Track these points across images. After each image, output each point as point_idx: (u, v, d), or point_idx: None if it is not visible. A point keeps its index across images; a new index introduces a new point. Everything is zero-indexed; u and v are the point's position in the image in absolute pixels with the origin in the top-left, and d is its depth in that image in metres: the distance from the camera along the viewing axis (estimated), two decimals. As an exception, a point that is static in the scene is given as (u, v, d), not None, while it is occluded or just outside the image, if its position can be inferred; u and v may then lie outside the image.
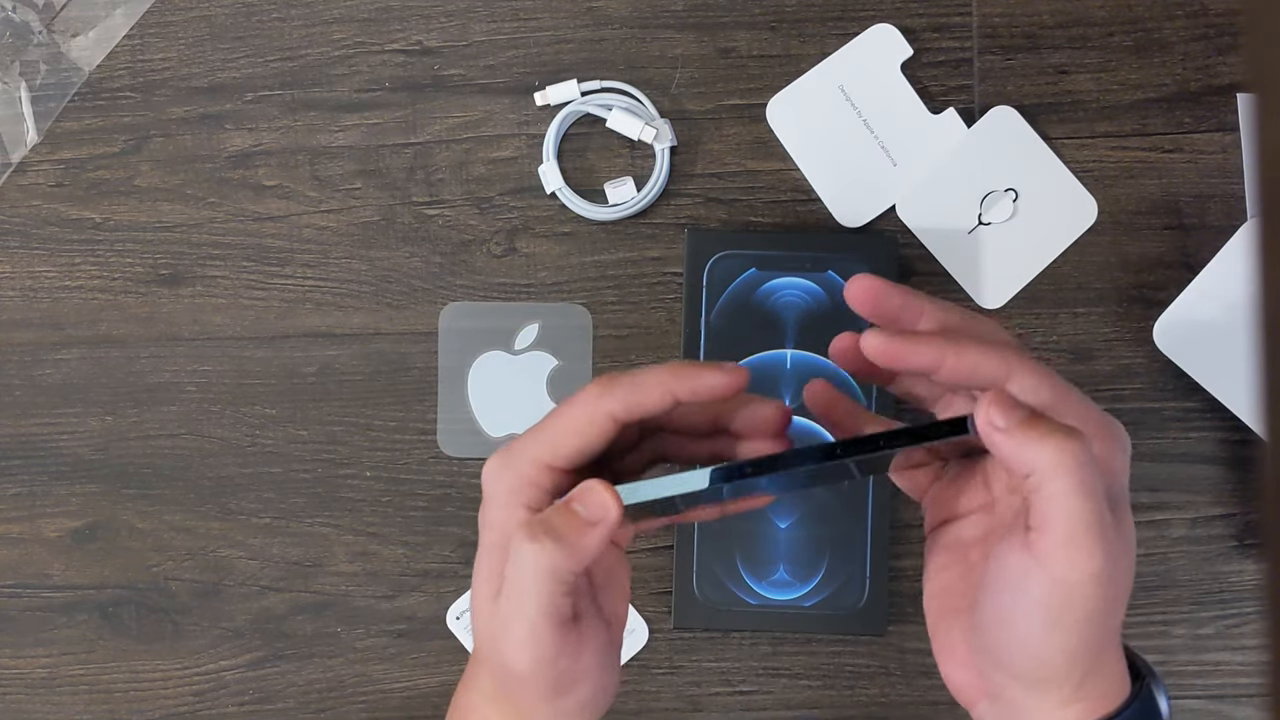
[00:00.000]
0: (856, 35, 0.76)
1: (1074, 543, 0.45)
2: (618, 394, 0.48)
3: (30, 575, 0.78)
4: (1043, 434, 0.45)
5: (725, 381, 0.48)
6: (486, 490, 0.50)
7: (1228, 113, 0.75)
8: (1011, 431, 0.45)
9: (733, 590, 0.74)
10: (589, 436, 0.48)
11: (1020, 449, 0.45)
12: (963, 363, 0.48)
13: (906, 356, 0.48)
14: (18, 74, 0.79)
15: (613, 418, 0.48)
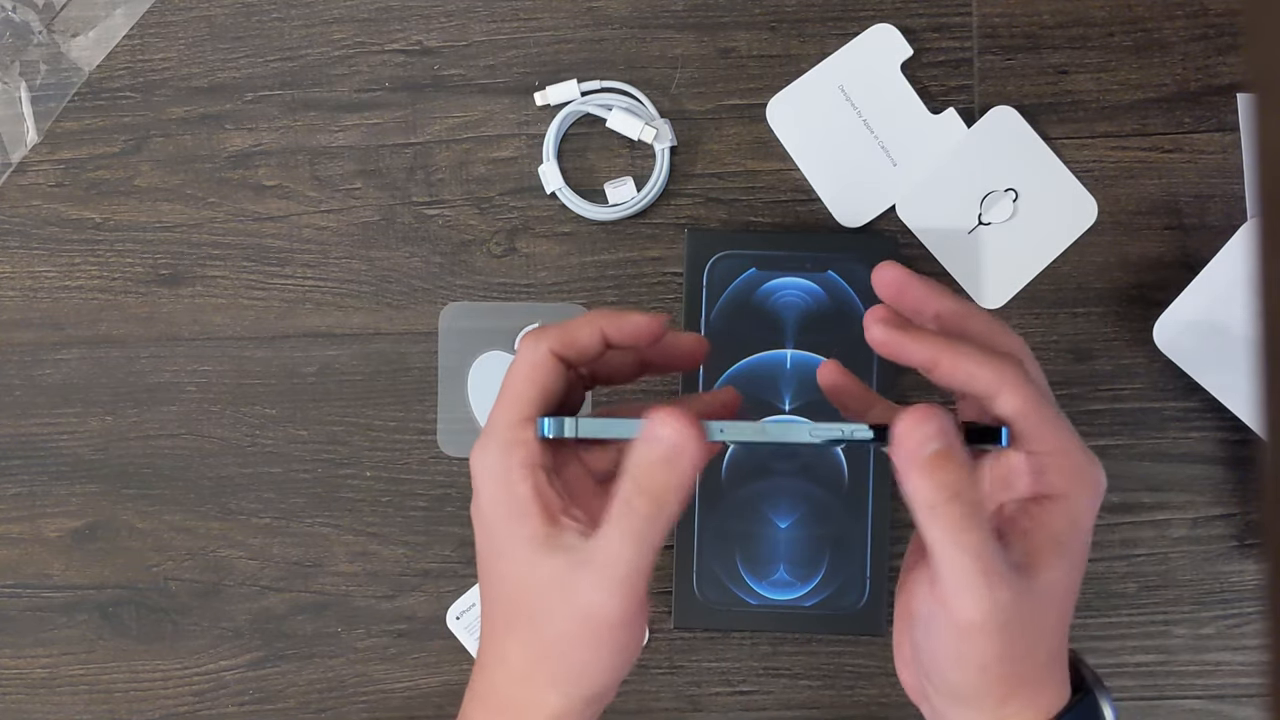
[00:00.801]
0: (856, 35, 0.76)
1: (961, 592, 0.46)
2: (551, 333, 0.51)
3: (30, 575, 0.78)
4: (933, 485, 0.46)
5: (648, 325, 0.51)
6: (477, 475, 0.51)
7: (1228, 113, 0.75)
8: (917, 465, 0.47)
9: (733, 590, 0.74)
10: (542, 377, 0.50)
11: (914, 486, 0.47)
12: (957, 369, 0.49)
13: (903, 351, 0.49)
14: (18, 74, 0.79)
15: (553, 354, 0.50)
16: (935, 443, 0.46)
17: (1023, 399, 0.48)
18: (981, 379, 0.48)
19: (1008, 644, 0.47)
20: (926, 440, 0.46)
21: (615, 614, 0.48)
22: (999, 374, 0.48)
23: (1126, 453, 0.75)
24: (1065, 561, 0.49)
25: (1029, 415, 0.48)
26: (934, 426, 0.46)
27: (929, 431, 0.46)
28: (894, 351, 0.50)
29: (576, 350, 0.51)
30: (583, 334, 0.51)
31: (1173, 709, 0.75)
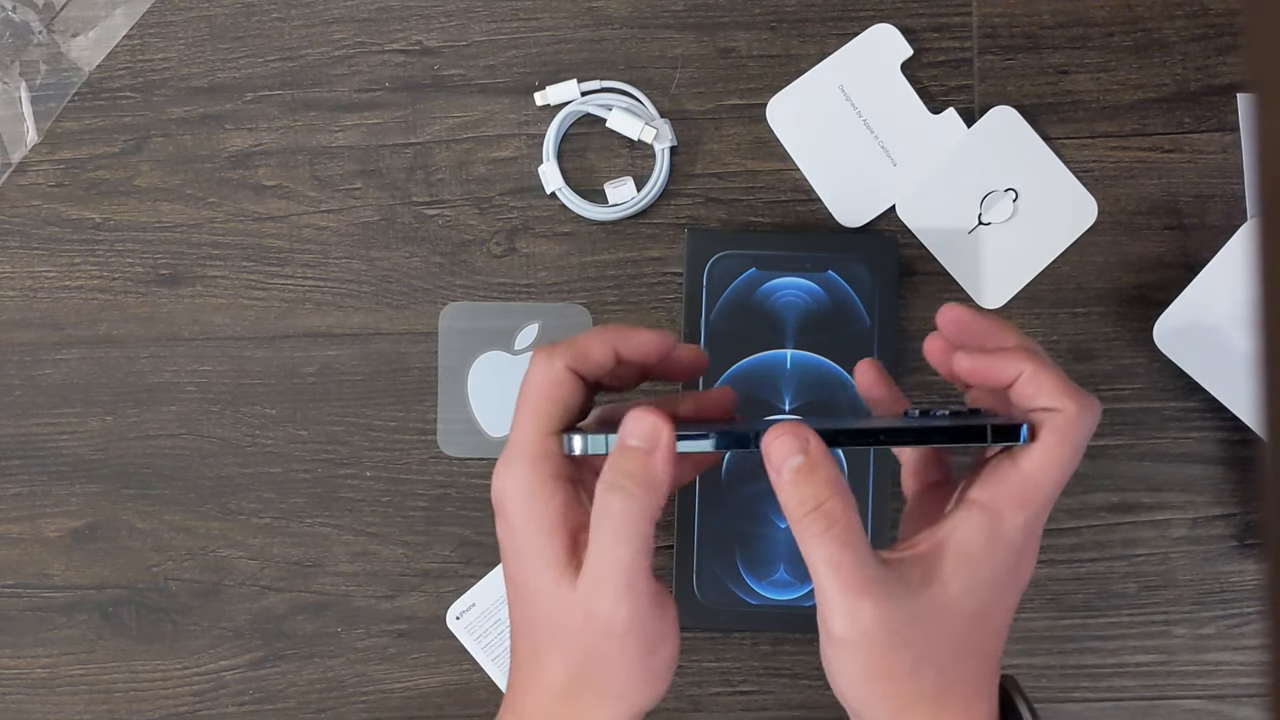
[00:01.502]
0: (856, 35, 0.76)
1: (827, 605, 0.47)
2: (562, 350, 0.51)
3: (30, 575, 0.78)
4: (795, 500, 0.48)
5: (657, 343, 0.53)
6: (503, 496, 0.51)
7: (1228, 113, 0.75)
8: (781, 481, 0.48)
9: (733, 590, 0.74)
10: (563, 393, 0.51)
11: (783, 502, 0.48)
12: (1040, 387, 0.51)
13: (991, 372, 0.52)
14: (18, 74, 0.79)
15: (569, 370, 0.51)
16: (797, 457, 0.48)
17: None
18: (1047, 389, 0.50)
19: (881, 659, 0.47)
20: (789, 454, 0.48)
21: (626, 619, 0.49)
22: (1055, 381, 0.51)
23: (1126, 453, 0.75)
24: (972, 579, 0.49)
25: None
26: (795, 441, 0.48)
27: (791, 446, 0.48)
28: (983, 376, 0.52)
29: (590, 366, 0.52)
30: (595, 351, 0.52)
31: (1173, 709, 0.75)
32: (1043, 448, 0.49)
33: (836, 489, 0.48)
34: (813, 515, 0.47)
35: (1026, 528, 0.50)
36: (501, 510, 0.51)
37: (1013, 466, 0.49)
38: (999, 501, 0.49)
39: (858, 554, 0.47)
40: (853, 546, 0.47)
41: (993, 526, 0.49)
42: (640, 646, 0.49)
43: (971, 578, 0.49)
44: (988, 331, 0.54)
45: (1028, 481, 0.49)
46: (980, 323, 0.54)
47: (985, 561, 0.49)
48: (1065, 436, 0.49)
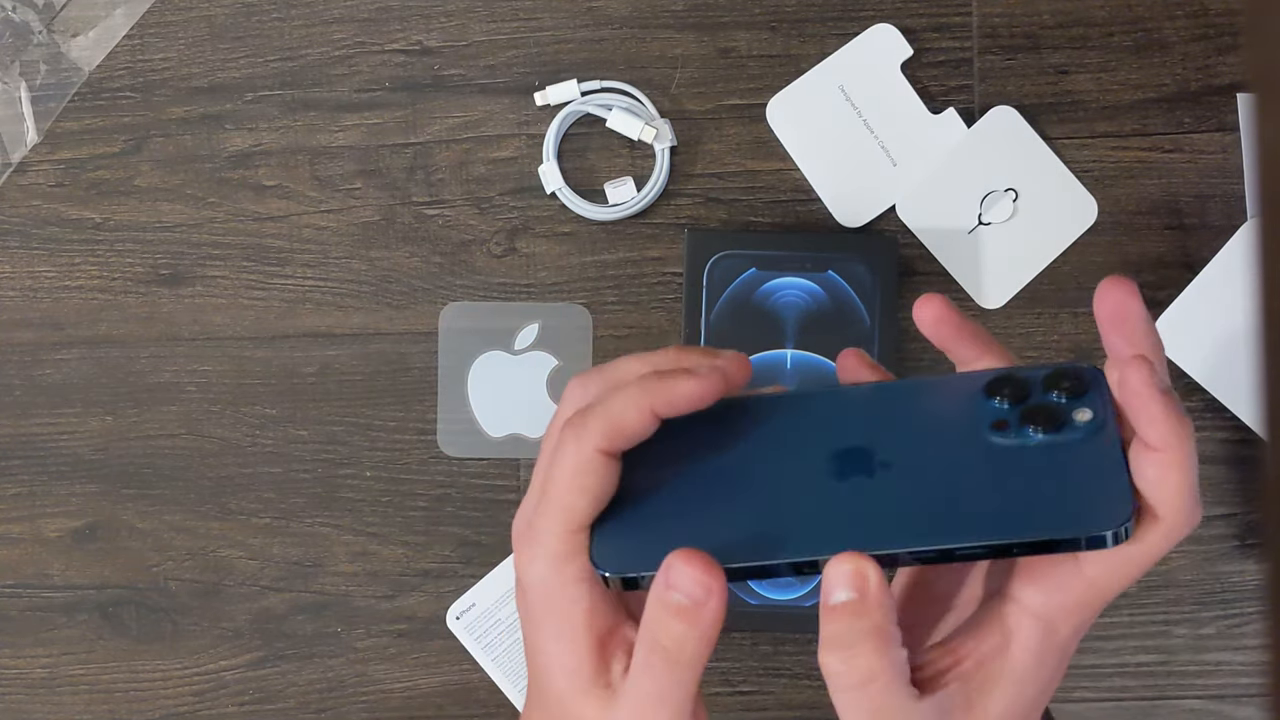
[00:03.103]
0: (856, 35, 0.76)
1: None
2: (596, 428, 0.43)
3: (30, 575, 0.78)
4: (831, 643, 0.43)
5: (703, 391, 0.43)
6: (524, 584, 0.45)
7: (1228, 113, 0.75)
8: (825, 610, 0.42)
9: (733, 590, 0.74)
10: (593, 484, 0.44)
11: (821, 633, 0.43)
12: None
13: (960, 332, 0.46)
14: (18, 74, 0.79)
15: (602, 453, 0.43)
16: (847, 593, 0.41)
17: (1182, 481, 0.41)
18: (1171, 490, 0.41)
19: None
20: (837, 587, 0.41)
21: None
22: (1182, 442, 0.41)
23: (1126, 453, 0.75)
24: (1018, 697, 0.43)
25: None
26: (853, 574, 0.41)
27: (846, 577, 0.41)
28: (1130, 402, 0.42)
29: (625, 440, 0.44)
30: (630, 420, 0.43)
31: (1173, 709, 0.75)
32: (1121, 558, 0.41)
33: (880, 641, 0.42)
34: (844, 665, 0.42)
35: (1078, 633, 0.43)
36: (523, 591, 0.46)
37: (1076, 570, 0.42)
38: (1054, 609, 0.42)
39: (894, 702, 0.42)
40: (881, 710, 0.42)
41: (1046, 639, 0.43)
42: None
43: (1018, 693, 0.43)
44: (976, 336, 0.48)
45: (1091, 589, 0.42)
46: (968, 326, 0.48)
47: (1033, 676, 0.43)
48: (1152, 552, 0.41)
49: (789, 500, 0.44)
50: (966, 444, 0.43)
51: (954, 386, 0.45)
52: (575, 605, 0.44)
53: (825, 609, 0.41)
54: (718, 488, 0.45)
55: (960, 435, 0.43)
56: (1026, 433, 0.42)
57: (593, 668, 0.44)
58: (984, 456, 0.42)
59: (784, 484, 0.44)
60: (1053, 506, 0.41)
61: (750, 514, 0.44)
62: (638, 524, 0.44)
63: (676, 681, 0.44)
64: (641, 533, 0.44)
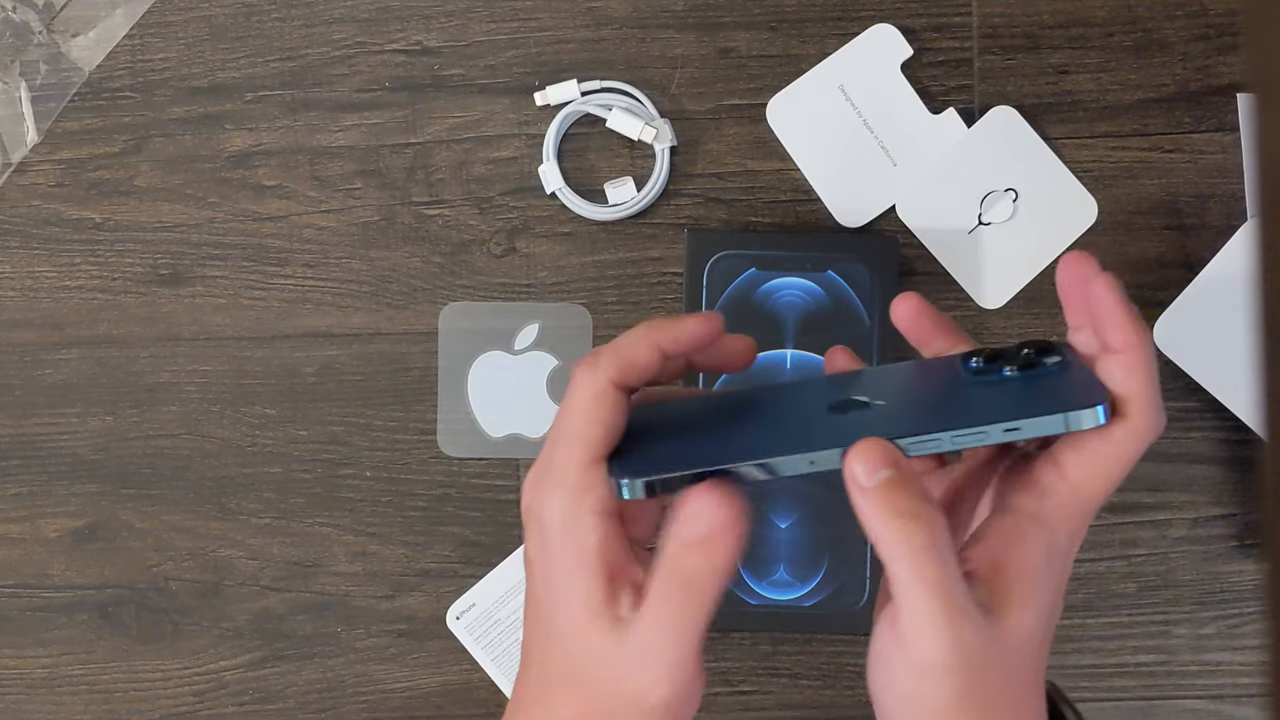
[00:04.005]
0: (856, 35, 0.76)
1: (922, 629, 0.43)
2: (607, 362, 0.47)
3: (30, 575, 0.78)
4: (888, 513, 0.43)
5: (705, 328, 0.48)
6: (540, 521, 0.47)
7: (1228, 113, 0.75)
8: (867, 495, 0.44)
9: (733, 590, 0.74)
10: (606, 414, 0.46)
11: (868, 518, 0.44)
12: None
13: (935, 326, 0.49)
14: (18, 74, 0.79)
15: (615, 385, 0.46)
16: (886, 470, 0.43)
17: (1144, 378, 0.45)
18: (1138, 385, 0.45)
19: (969, 688, 0.44)
20: (877, 467, 0.43)
21: (663, 698, 0.46)
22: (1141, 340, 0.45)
23: (1126, 453, 0.75)
24: (1040, 601, 0.45)
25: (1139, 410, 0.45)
26: (884, 453, 0.44)
27: (879, 458, 0.44)
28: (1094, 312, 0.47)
29: (636, 374, 0.47)
30: (640, 354, 0.47)
31: (1173, 709, 0.75)
32: (1097, 459, 0.45)
33: (935, 503, 0.44)
34: (912, 528, 0.43)
35: (1073, 538, 0.46)
36: (537, 530, 0.47)
37: (1059, 476, 0.45)
38: (1049, 512, 0.45)
39: (955, 574, 0.43)
40: (952, 566, 0.43)
41: (1050, 543, 0.45)
42: (668, 716, 0.46)
43: (1039, 600, 0.45)
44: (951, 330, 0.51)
45: (1076, 494, 0.45)
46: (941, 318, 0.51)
47: (1047, 582, 0.45)
48: (1123, 451, 0.45)
49: (798, 424, 0.48)
50: (948, 384, 0.48)
51: (935, 361, 0.50)
52: (590, 536, 0.46)
53: (868, 493, 0.43)
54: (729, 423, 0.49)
55: (944, 383, 0.49)
56: (1002, 372, 0.47)
57: (603, 598, 0.46)
58: (966, 387, 0.47)
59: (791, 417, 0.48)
60: (1036, 402, 0.45)
61: (763, 432, 0.48)
62: (652, 449, 0.47)
63: (692, 613, 0.45)
64: (657, 453, 0.47)
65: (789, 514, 0.74)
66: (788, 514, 0.74)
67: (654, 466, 0.46)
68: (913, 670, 0.44)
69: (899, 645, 0.44)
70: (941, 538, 0.43)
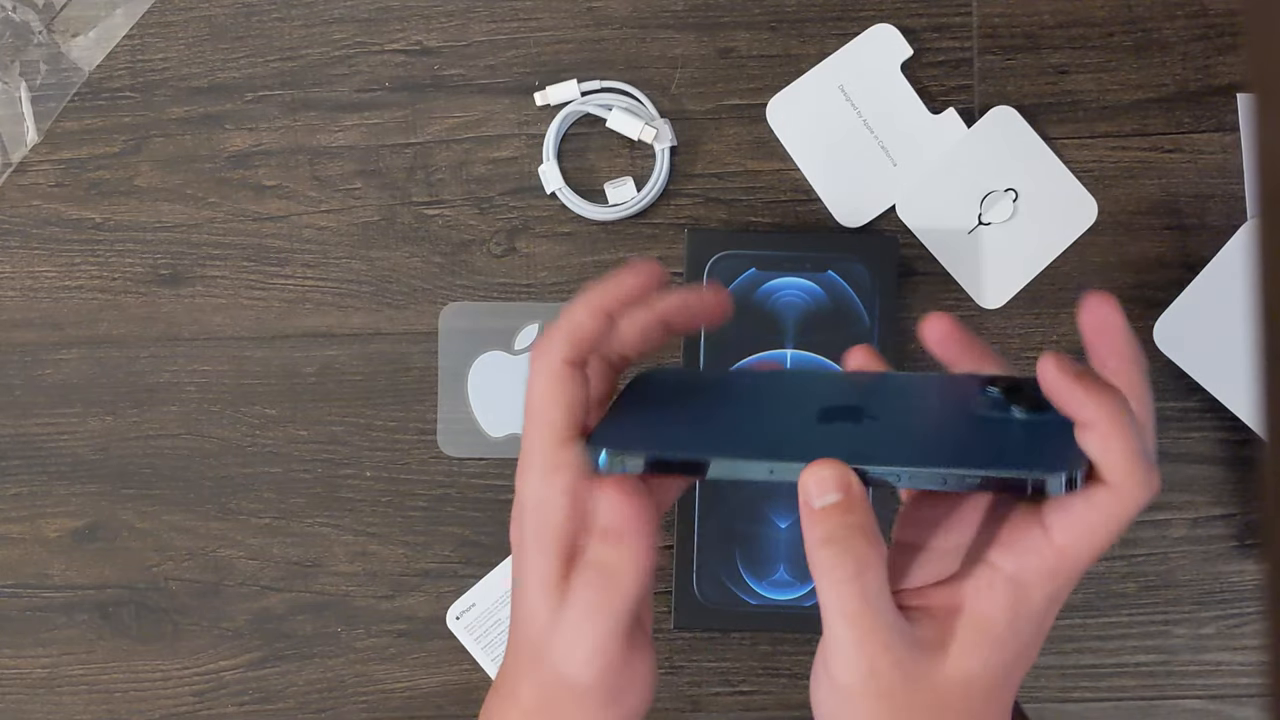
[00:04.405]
0: (856, 35, 0.76)
1: (838, 652, 0.44)
2: (556, 341, 0.47)
3: (30, 575, 0.78)
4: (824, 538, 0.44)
5: (642, 278, 0.48)
6: (519, 502, 0.48)
7: (1228, 113, 0.75)
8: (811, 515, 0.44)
9: (733, 590, 0.74)
10: (564, 394, 0.47)
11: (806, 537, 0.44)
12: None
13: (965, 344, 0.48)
14: (18, 74, 0.79)
15: (567, 363, 0.47)
16: (835, 494, 0.44)
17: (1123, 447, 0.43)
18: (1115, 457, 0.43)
19: (886, 715, 0.43)
20: (825, 489, 0.44)
21: (589, 682, 0.46)
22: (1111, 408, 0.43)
23: (1126, 453, 0.75)
24: (992, 655, 0.44)
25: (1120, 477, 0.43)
26: (837, 477, 0.44)
27: (831, 480, 0.44)
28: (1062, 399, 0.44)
29: (587, 345, 0.47)
30: (585, 324, 0.47)
31: (1173, 709, 0.75)
32: (1083, 525, 0.43)
33: (869, 535, 0.44)
34: (839, 557, 0.43)
35: (1052, 600, 0.45)
36: (517, 512, 0.49)
37: (1044, 537, 0.44)
38: (1026, 573, 0.44)
39: (879, 606, 0.43)
40: (876, 598, 0.43)
41: (1019, 603, 0.44)
42: (603, 698, 0.47)
43: (991, 654, 0.44)
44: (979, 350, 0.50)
45: (1061, 557, 0.44)
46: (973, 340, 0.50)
47: (1008, 639, 0.44)
48: (1109, 519, 0.43)
49: (779, 424, 0.48)
50: (950, 411, 0.47)
51: (954, 378, 0.49)
52: (556, 514, 0.47)
53: (812, 513, 0.44)
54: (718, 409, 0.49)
55: (947, 405, 0.48)
56: (1010, 409, 0.45)
57: (557, 575, 0.47)
58: (964, 418, 0.46)
59: (777, 416, 0.48)
60: (1013, 455, 0.44)
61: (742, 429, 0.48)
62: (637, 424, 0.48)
63: (609, 601, 0.46)
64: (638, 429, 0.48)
65: (789, 514, 0.74)
66: (788, 514, 0.74)
67: (628, 443, 0.46)
68: (833, 691, 0.44)
69: (824, 667, 0.45)
70: (869, 571, 0.43)
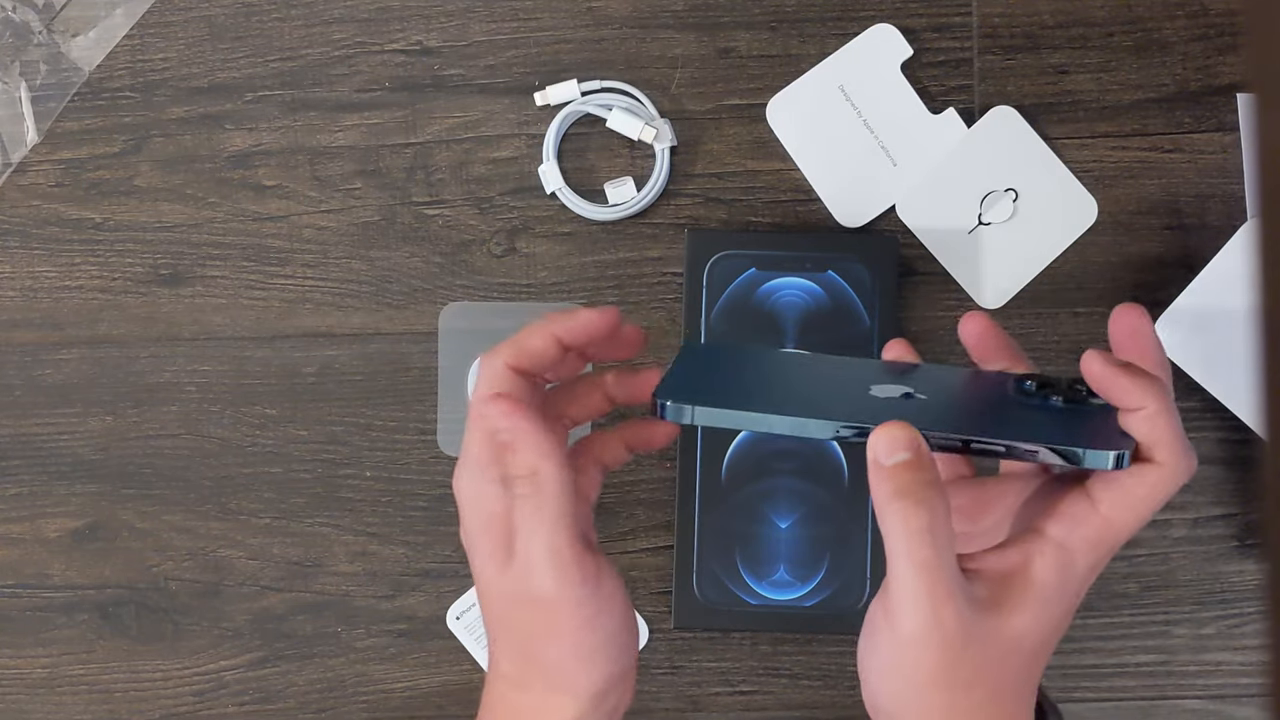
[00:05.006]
0: (856, 35, 0.76)
1: (905, 602, 0.46)
2: (504, 349, 0.52)
3: (30, 575, 0.78)
4: (896, 492, 0.46)
5: (601, 321, 0.52)
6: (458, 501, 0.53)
7: (1228, 113, 0.75)
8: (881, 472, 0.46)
9: (733, 590, 0.74)
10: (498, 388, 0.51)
11: (877, 494, 0.46)
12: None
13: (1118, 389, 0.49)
14: (18, 74, 0.79)
15: (509, 367, 0.51)
16: (905, 453, 0.46)
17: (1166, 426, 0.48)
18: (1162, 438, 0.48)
19: (944, 665, 0.46)
20: (896, 448, 0.46)
21: (553, 591, 0.49)
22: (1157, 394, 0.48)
23: (1126, 453, 0.75)
24: (1041, 613, 0.48)
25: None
26: (907, 438, 0.46)
27: (901, 440, 0.46)
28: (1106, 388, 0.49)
29: (532, 359, 0.52)
30: (534, 342, 0.52)
31: (1173, 709, 0.75)
32: (1131, 499, 0.48)
33: (940, 490, 0.46)
34: (913, 509, 0.45)
35: (1095, 569, 0.49)
36: (460, 511, 0.53)
37: (1091, 508, 0.48)
38: (1073, 540, 0.48)
39: (946, 559, 0.46)
40: (945, 551, 0.46)
41: (1065, 567, 0.48)
42: (573, 619, 0.50)
43: (1041, 613, 0.48)
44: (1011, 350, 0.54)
45: (1106, 527, 0.48)
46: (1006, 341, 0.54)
47: (1056, 601, 0.48)
48: (1156, 493, 0.48)
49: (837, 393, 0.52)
50: (991, 397, 0.51)
51: (987, 374, 0.53)
52: (488, 500, 0.52)
53: (882, 469, 0.46)
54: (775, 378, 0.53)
55: (986, 392, 0.52)
56: (1048, 398, 0.50)
57: (504, 549, 0.51)
58: (1007, 403, 0.50)
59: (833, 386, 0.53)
60: (1066, 434, 0.48)
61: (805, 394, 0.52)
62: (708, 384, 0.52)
63: (542, 501, 0.49)
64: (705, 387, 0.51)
65: (789, 514, 0.74)
66: (788, 514, 0.74)
67: (696, 397, 0.50)
68: (894, 641, 0.47)
69: (885, 617, 0.47)
70: (940, 525, 0.46)
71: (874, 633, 0.48)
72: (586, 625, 0.50)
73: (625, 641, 0.52)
